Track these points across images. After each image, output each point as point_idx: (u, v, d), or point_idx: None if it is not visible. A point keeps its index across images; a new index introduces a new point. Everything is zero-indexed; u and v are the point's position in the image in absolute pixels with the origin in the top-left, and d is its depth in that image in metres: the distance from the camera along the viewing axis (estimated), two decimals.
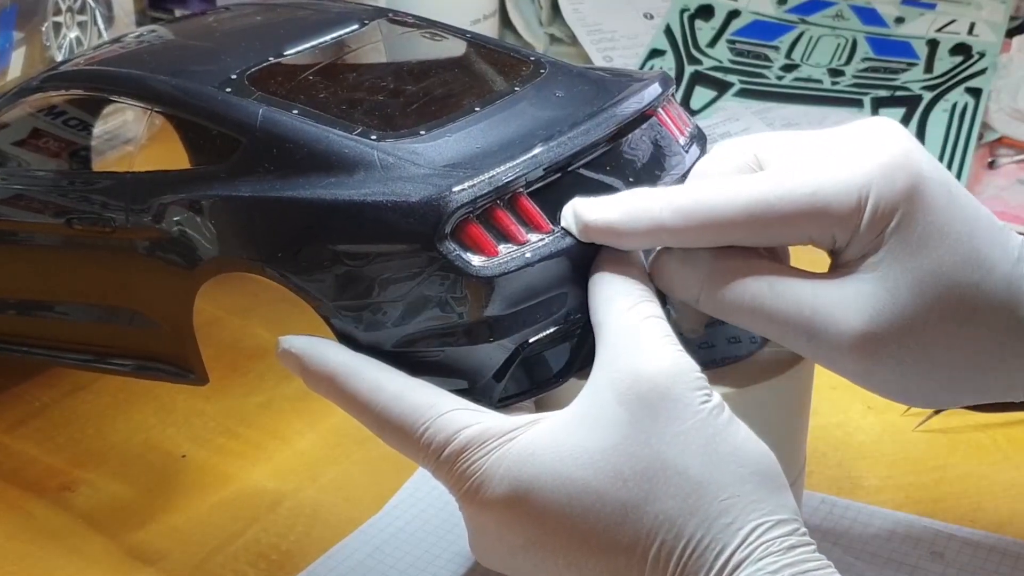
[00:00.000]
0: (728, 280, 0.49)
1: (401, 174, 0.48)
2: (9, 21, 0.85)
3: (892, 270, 0.48)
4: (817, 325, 0.48)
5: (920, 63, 1.01)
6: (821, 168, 0.49)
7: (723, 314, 0.50)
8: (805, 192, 0.48)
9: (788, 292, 0.49)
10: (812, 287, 0.49)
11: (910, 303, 0.48)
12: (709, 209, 0.48)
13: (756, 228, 0.49)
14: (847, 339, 0.48)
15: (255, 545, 0.61)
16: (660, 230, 0.48)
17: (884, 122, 0.50)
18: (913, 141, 0.49)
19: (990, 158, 0.94)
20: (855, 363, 0.48)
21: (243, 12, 0.65)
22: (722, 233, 0.49)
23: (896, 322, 0.48)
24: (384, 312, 0.48)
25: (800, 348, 0.49)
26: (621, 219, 0.48)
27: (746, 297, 0.49)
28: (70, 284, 0.59)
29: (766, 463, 0.45)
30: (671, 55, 1.05)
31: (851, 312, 0.48)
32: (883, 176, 0.48)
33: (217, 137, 0.52)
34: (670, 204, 0.48)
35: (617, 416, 0.45)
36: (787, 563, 0.43)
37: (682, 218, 0.48)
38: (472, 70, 0.59)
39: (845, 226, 0.48)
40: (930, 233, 0.48)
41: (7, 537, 0.62)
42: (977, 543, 0.60)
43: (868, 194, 0.48)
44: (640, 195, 0.49)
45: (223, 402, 0.70)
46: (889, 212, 0.48)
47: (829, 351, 0.48)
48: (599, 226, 0.48)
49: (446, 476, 0.47)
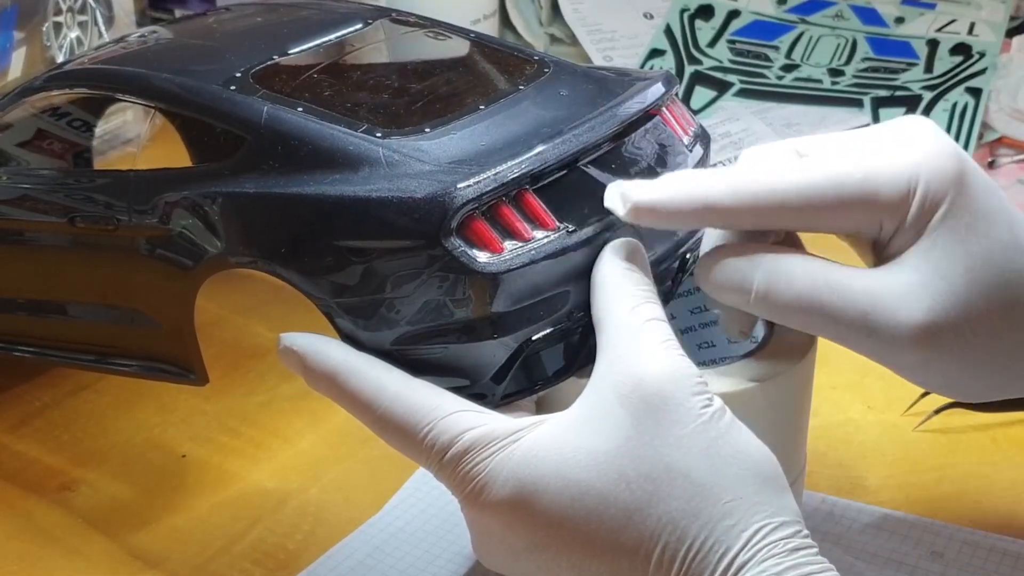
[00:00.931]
0: (783, 279, 0.49)
1: (406, 171, 0.48)
2: (10, 21, 0.85)
3: (944, 258, 0.48)
4: (876, 319, 0.48)
5: (920, 63, 1.01)
6: (870, 156, 0.49)
7: (777, 314, 0.50)
8: (857, 178, 0.49)
9: (844, 288, 0.49)
10: (867, 281, 0.49)
11: (964, 290, 0.48)
12: (759, 190, 0.48)
13: (805, 212, 0.49)
14: (907, 331, 0.48)
15: (259, 545, 0.61)
16: (708, 209, 0.49)
17: (923, 119, 0.51)
18: (948, 136, 0.50)
19: (990, 158, 0.94)
20: (915, 355, 0.49)
21: (244, 12, 0.65)
22: (771, 216, 0.49)
23: (953, 310, 0.48)
24: (388, 309, 0.48)
25: (859, 345, 0.49)
26: (670, 197, 0.48)
27: (802, 295, 0.49)
28: (72, 284, 0.59)
29: (768, 466, 0.45)
30: (671, 55, 1.05)
31: (909, 303, 0.48)
32: (932, 163, 0.49)
33: (221, 135, 0.52)
34: (720, 183, 0.49)
35: (620, 419, 0.45)
36: (790, 565, 0.43)
37: (732, 197, 0.48)
38: (476, 69, 0.59)
39: (894, 213, 0.49)
40: (978, 221, 0.49)
41: (7, 537, 0.62)
42: (977, 543, 0.60)
43: (918, 181, 0.48)
44: (688, 175, 0.49)
45: (224, 402, 0.70)
46: (938, 199, 0.48)
47: (889, 345, 0.49)
48: (647, 205, 0.48)
49: (449, 478, 0.47)
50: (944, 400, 0.67)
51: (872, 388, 0.71)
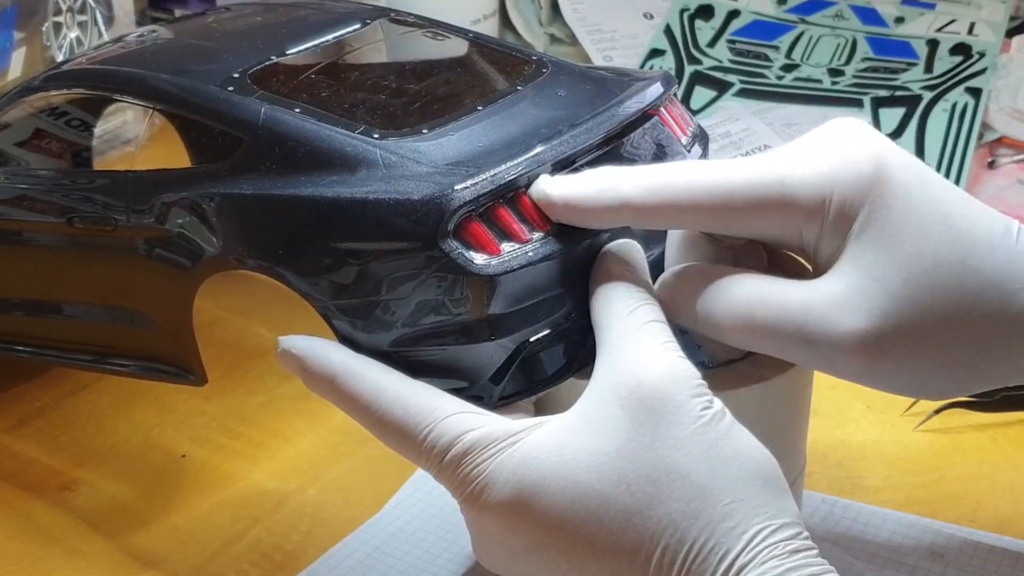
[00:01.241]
0: (718, 296, 0.49)
1: (403, 172, 0.48)
2: (10, 21, 0.85)
3: (876, 261, 0.47)
4: (813, 330, 0.47)
5: (920, 63, 1.01)
6: (787, 160, 0.48)
7: (719, 333, 0.49)
8: (771, 179, 0.48)
9: (778, 302, 0.48)
10: (802, 292, 0.48)
11: (901, 290, 0.47)
12: (673, 188, 0.48)
13: (720, 213, 0.48)
14: (848, 339, 0.47)
15: (259, 545, 0.61)
16: (624, 207, 0.48)
17: (849, 121, 0.50)
18: (878, 135, 0.49)
19: (990, 158, 0.94)
20: (859, 362, 0.48)
21: (243, 12, 0.65)
22: (685, 215, 0.49)
23: (892, 312, 0.47)
24: (385, 310, 0.48)
25: (799, 357, 0.49)
26: (586, 194, 0.48)
27: (737, 312, 0.48)
28: (71, 284, 0.59)
29: (768, 468, 0.45)
30: (671, 55, 1.05)
31: (847, 310, 0.47)
32: (848, 167, 0.48)
33: (219, 136, 0.52)
34: (635, 181, 0.48)
35: (620, 420, 0.45)
36: (790, 567, 0.43)
37: (647, 195, 0.48)
38: (474, 69, 0.59)
39: (811, 219, 0.48)
40: (905, 218, 0.47)
41: (7, 537, 0.62)
42: (977, 543, 0.60)
43: (834, 185, 0.48)
44: (606, 172, 0.49)
45: (224, 402, 0.70)
46: (857, 203, 0.48)
47: (829, 355, 0.48)
48: (563, 202, 0.48)
49: (449, 479, 0.47)
50: (944, 400, 0.67)
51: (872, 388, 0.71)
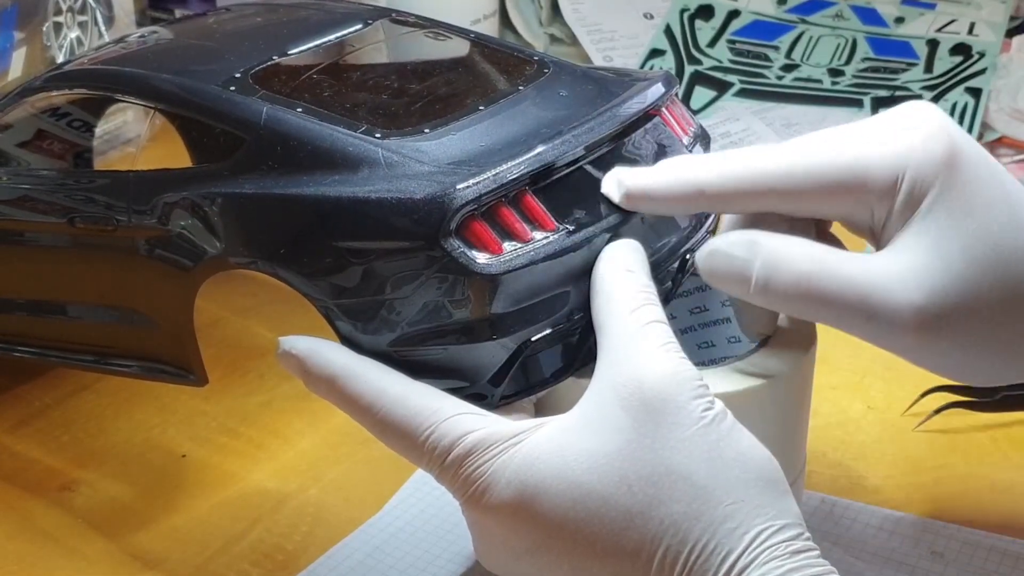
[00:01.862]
0: (779, 266, 0.49)
1: (405, 171, 0.48)
2: (10, 21, 0.85)
3: (941, 239, 0.48)
4: (874, 303, 0.48)
5: (920, 63, 1.01)
6: (861, 140, 0.49)
7: (777, 302, 0.50)
8: (844, 162, 0.49)
9: (842, 272, 0.48)
10: (865, 264, 0.49)
11: (963, 270, 0.48)
12: (748, 173, 0.49)
13: (793, 196, 0.49)
14: (906, 314, 0.48)
15: (260, 545, 0.61)
16: (700, 194, 0.49)
17: (920, 103, 0.51)
18: (947, 117, 0.50)
19: None
20: (916, 338, 0.48)
21: (244, 12, 0.65)
22: (762, 198, 0.49)
23: (952, 291, 0.48)
24: (387, 310, 0.48)
25: (859, 330, 0.49)
26: (663, 182, 0.49)
27: (800, 281, 0.48)
28: (71, 284, 0.59)
29: (769, 469, 0.45)
30: (671, 55, 1.05)
31: (908, 285, 0.48)
32: (921, 147, 0.49)
33: (220, 135, 0.52)
34: (711, 167, 0.49)
35: (621, 421, 0.45)
36: (791, 567, 0.43)
37: (721, 180, 0.49)
38: (476, 69, 0.59)
39: (883, 198, 0.49)
40: (972, 201, 0.48)
41: (7, 537, 0.62)
42: (977, 543, 0.60)
43: (906, 166, 0.48)
44: (681, 160, 0.50)
45: (224, 402, 0.70)
46: (927, 183, 0.48)
47: (889, 329, 0.48)
48: (639, 192, 0.49)
49: (450, 480, 0.47)
50: (944, 400, 0.67)
51: (872, 388, 0.71)
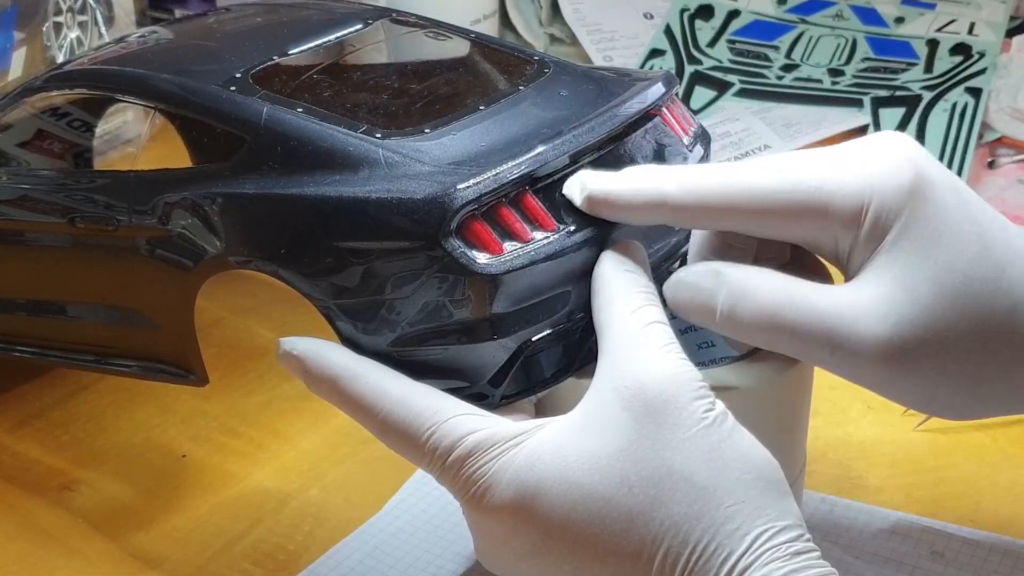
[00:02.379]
0: (744, 297, 0.48)
1: (406, 171, 0.48)
2: (10, 21, 0.85)
3: (907, 270, 0.47)
4: (839, 335, 0.47)
5: (920, 63, 1.01)
6: (826, 166, 0.49)
7: (742, 333, 0.49)
8: (810, 185, 0.48)
9: (806, 304, 0.48)
10: (830, 296, 0.48)
11: (930, 302, 0.47)
12: (712, 189, 0.48)
13: (756, 216, 0.48)
14: (871, 347, 0.47)
15: (261, 545, 0.61)
16: (662, 205, 0.48)
17: (890, 133, 0.50)
18: (918, 147, 0.49)
19: (990, 158, 0.94)
20: (881, 371, 0.48)
21: (244, 13, 0.65)
22: (723, 216, 0.49)
23: (919, 323, 0.47)
24: (387, 310, 0.48)
25: (824, 362, 0.48)
26: (625, 191, 0.48)
27: (764, 313, 0.48)
28: (72, 284, 0.59)
29: (770, 470, 0.45)
30: (671, 55, 1.05)
31: (872, 318, 0.47)
32: (887, 177, 0.48)
33: (221, 136, 0.52)
34: (675, 180, 0.48)
35: (622, 422, 0.45)
36: (792, 568, 0.43)
37: (685, 194, 0.48)
38: (476, 69, 0.59)
39: (848, 227, 0.48)
40: (940, 232, 0.48)
41: (7, 537, 0.62)
42: (977, 543, 0.60)
43: (872, 194, 0.48)
44: (646, 170, 0.49)
45: (224, 402, 0.70)
46: (893, 214, 0.48)
47: (854, 361, 0.48)
48: (601, 197, 0.48)
49: (451, 481, 0.47)
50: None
51: None
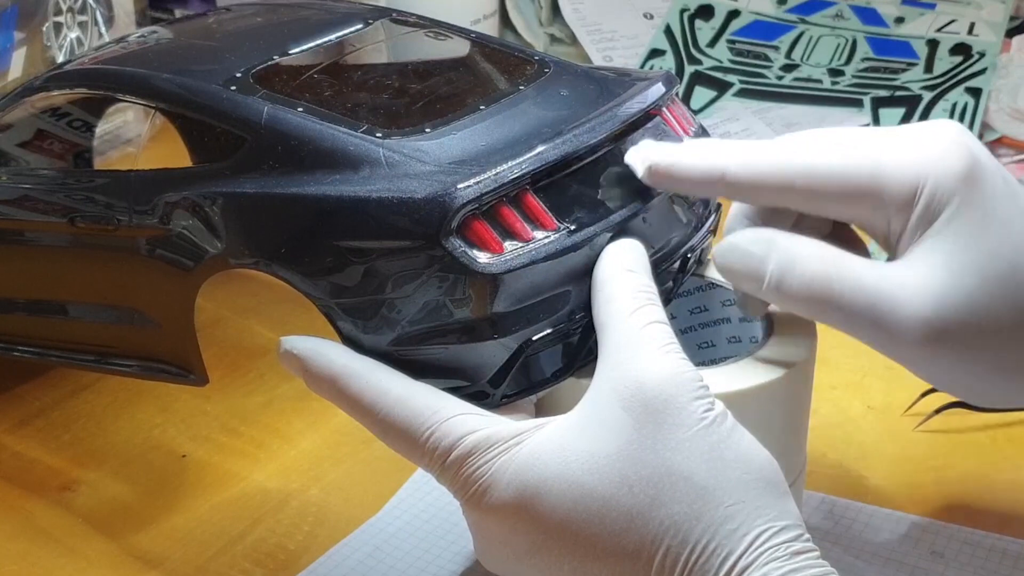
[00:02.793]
0: (793, 266, 0.49)
1: (407, 171, 0.48)
2: (10, 22, 0.85)
3: (955, 254, 0.49)
4: (882, 311, 0.48)
5: (920, 63, 1.01)
6: (883, 148, 0.50)
7: (787, 302, 0.50)
8: (864, 170, 0.49)
9: (853, 277, 0.49)
10: (878, 272, 0.49)
11: (974, 287, 0.48)
12: (770, 167, 0.50)
13: (810, 196, 0.50)
14: (913, 326, 0.48)
15: (262, 544, 0.61)
16: (720, 180, 0.50)
17: (944, 120, 0.52)
18: (971, 135, 0.51)
19: None
20: (921, 351, 0.49)
21: (244, 12, 0.65)
22: (779, 194, 0.50)
23: (962, 307, 0.48)
24: (388, 309, 0.48)
25: (865, 336, 0.50)
26: (685, 164, 0.50)
27: (812, 283, 0.49)
28: (72, 284, 0.59)
29: (770, 470, 0.45)
30: (671, 55, 1.05)
31: (917, 297, 0.48)
32: (942, 163, 0.49)
33: (221, 135, 0.52)
34: (734, 156, 0.50)
35: (622, 422, 0.45)
36: (791, 568, 0.43)
37: (744, 170, 0.50)
38: (477, 69, 0.59)
39: (901, 210, 0.49)
40: (989, 219, 0.49)
41: (8, 537, 0.62)
42: (977, 543, 0.60)
43: (926, 180, 0.49)
44: (708, 143, 0.51)
45: (225, 402, 0.70)
46: (946, 198, 0.49)
47: (895, 339, 0.49)
48: (663, 169, 0.50)
49: (451, 480, 0.47)
50: (944, 400, 0.67)
51: (872, 388, 0.71)
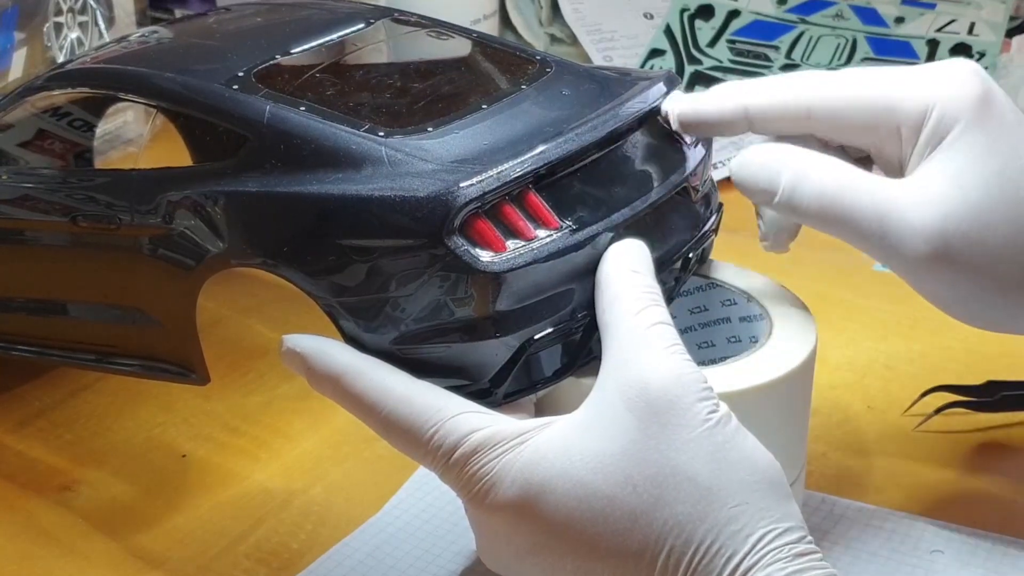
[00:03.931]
0: (809, 178, 0.52)
1: (409, 170, 0.48)
2: (10, 22, 0.85)
3: (962, 171, 0.51)
4: (890, 221, 0.51)
5: (920, 63, 1.01)
6: (900, 76, 0.53)
7: (799, 214, 0.53)
8: (883, 89, 0.52)
9: (862, 189, 0.51)
10: (886, 186, 0.52)
11: (979, 202, 0.51)
12: (790, 96, 0.53)
13: (833, 121, 0.53)
14: (919, 237, 0.50)
15: (265, 544, 0.61)
16: (744, 115, 0.53)
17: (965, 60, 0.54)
18: (985, 72, 0.53)
19: None
20: (926, 264, 0.51)
21: (245, 12, 0.65)
22: (801, 122, 0.53)
23: (965, 220, 0.50)
24: (391, 308, 0.48)
25: (873, 249, 0.52)
26: (709, 105, 0.53)
27: (823, 195, 0.52)
28: (73, 283, 0.59)
29: (773, 472, 0.45)
30: (671, 55, 1.05)
31: (923, 209, 0.51)
32: (953, 85, 0.52)
33: (223, 134, 0.52)
34: (755, 91, 0.53)
35: (626, 422, 0.45)
36: (795, 569, 0.43)
37: (765, 102, 0.53)
38: (478, 69, 0.59)
39: (914, 128, 0.52)
40: (997, 141, 0.51)
41: (8, 537, 0.62)
42: (977, 543, 0.60)
43: (937, 99, 0.51)
44: (727, 85, 0.54)
45: (226, 401, 0.70)
46: (955, 117, 0.51)
47: (901, 250, 0.51)
48: (689, 113, 0.53)
49: (455, 479, 0.47)
50: (944, 400, 0.67)
51: (872, 388, 0.71)
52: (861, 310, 0.68)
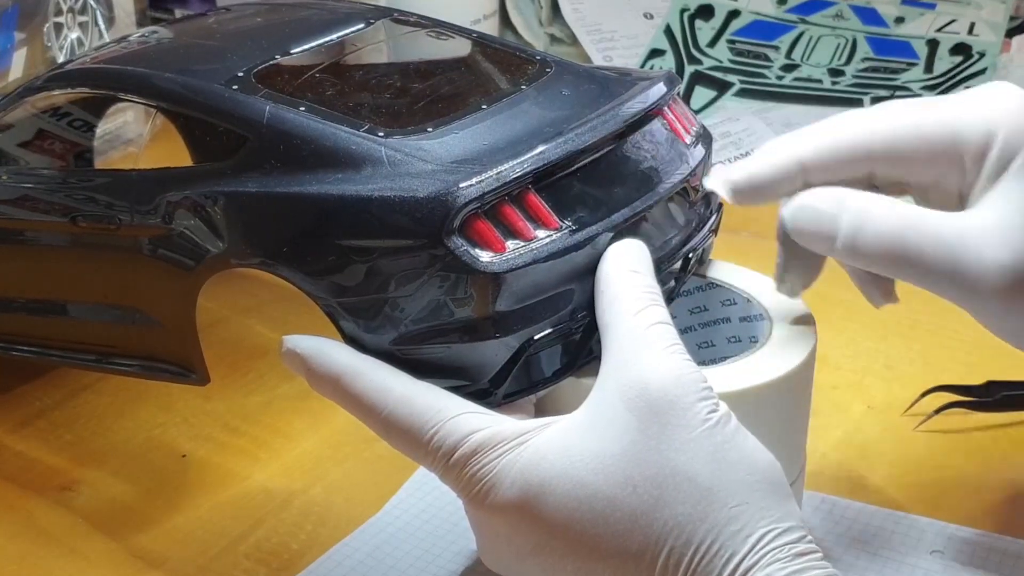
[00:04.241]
0: (867, 222, 0.50)
1: (409, 170, 0.48)
2: (10, 22, 0.85)
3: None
4: (962, 260, 0.49)
5: (920, 63, 1.01)
6: (956, 106, 0.51)
7: (863, 259, 0.51)
8: (942, 123, 0.51)
9: (929, 228, 0.50)
10: (954, 222, 0.50)
11: None
12: (847, 140, 0.51)
13: (896, 159, 0.51)
14: (992, 272, 0.49)
15: (265, 544, 0.61)
16: (801, 170, 0.51)
17: (1005, 83, 0.53)
18: None
19: None
20: (1000, 300, 0.49)
21: (245, 12, 0.65)
22: (862, 164, 0.51)
23: None
24: (390, 308, 0.48)
25: (944, 288, 0.50)
26: (762, 169, 0.51)
27: (887, 238, 0.50)
28: (73, 283, 0.59)
29: (773, 472, 0.45)
30: (671, 55, 1.05)
31: (995, 243, 0.49)
32: (1013, 111, 0.50)
33: (223, 134, 0.52)
34: (805, 142, 0.51)
35: (627, 422, 0.45)
36: (795, 569, 0.43)
37: (821, 152, 0.51)
38: (478, 69, 0.59)
39: (976, 158, 0.50)
40: None
41: (8, 537, 0.62)
42: (977, 543, 0.60)
43: (998, 127, 0.50)
44: (776, 142, 0.52)
45: (226, 401, 0.70)
46: (1018, 145, 0.50)
47: (974, 288, 0.49)
48: (743, 183, 0.52)
49: (455, 479, 0.47)
50: (944, 400, 0.67)
51: (872, 388, 0.71)
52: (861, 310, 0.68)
